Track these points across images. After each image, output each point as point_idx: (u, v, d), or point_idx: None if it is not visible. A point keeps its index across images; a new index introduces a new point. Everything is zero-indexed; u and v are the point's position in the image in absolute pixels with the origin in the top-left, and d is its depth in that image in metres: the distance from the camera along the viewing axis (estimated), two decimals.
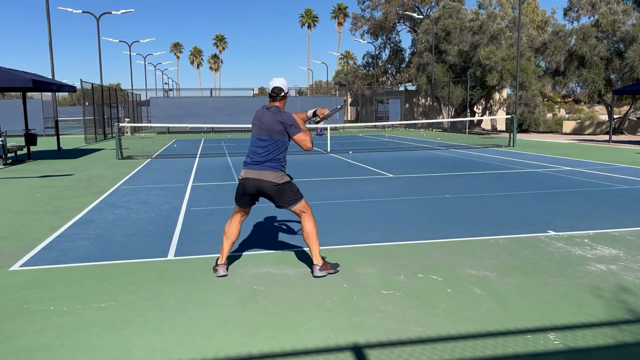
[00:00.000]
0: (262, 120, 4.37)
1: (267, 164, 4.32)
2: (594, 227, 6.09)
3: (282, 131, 4.32)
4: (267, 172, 4.31)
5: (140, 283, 4.34)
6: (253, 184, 4.33)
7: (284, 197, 4.37)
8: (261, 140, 4.35)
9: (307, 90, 55.71)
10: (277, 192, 4.33)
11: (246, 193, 4.40)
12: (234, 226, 4.58)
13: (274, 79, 4.47)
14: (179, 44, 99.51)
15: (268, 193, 4.34)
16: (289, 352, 3.09)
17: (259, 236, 5.87)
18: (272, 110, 4.38)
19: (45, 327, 3.49)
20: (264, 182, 4.29)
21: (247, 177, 4.35)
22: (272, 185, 4.30)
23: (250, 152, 4.42)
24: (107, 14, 32.79)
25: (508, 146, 18.73)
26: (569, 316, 3.57)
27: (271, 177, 4.30)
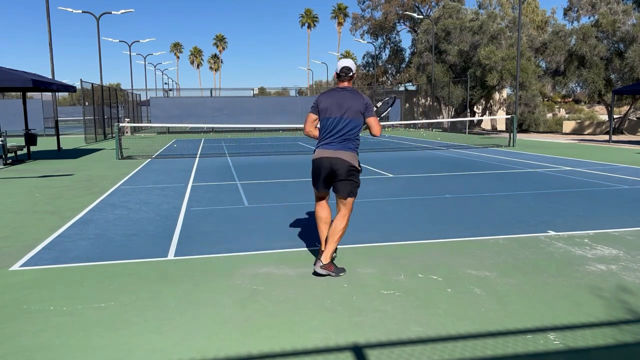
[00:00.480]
0: (341, 101, 4.41)
1: (346, 144, 4.40)
2: (594, 227, 6.09)
3: (361, 112, 4.41)
4: (344, 152, 4.39)
5: (140, 283, 4.34)
6: (328, 163, 4.39)
7: (348, 182, 4.41)
8: (343, 120, 4.39)
9: (307, 90, 55.69)
10: (346, 174, 4.39)
11: (321, 173, 4.44)
12: (324, 210, 4.62)
13: (342, 59, 4.56)
14: (179, 44, 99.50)
15: (337, 173, 4.39)
16: (289, 352, 3.09)
17: (259, 236, 5.87)
18: (350, 91, 4.47)
19: (45, 327, 3.49)
20: (339, 160, 4.36)
21: (323, 157, 4.41)
22: (346, 166, 4.37)
23: (327, 133, 4.44)
24: (107, 14, 32.80)
25: (508, 146, 18.73)
26: (569, 316, 3.57)
27: (347, 157, 4.38)
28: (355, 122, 4.42)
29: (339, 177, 4.41)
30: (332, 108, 4.43)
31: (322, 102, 4.49)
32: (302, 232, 6.02)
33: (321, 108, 4.49)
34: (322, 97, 4.52)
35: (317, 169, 4.48)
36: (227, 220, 6.74)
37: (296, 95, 41.23)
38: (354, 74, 4.54)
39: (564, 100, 57.85)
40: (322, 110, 4.49)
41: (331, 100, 4.45)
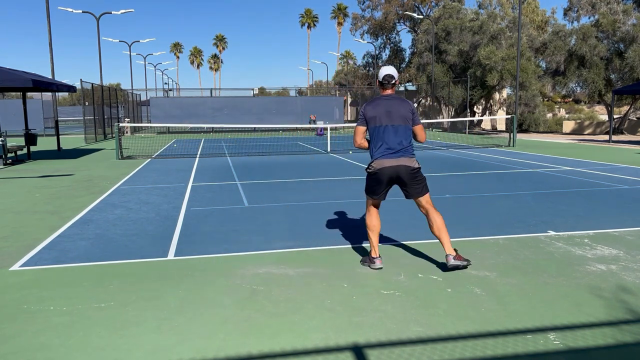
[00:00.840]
0: (391, 108, 4.48)
1: (404, 151, 4.48)
2: (594, 227, 6.09)
3: (410, 118, 4.50)
4: (405, 158, 4.47)
5: (140, 283, 4.34)
6: (390, 171, 4.46)
7: (416, 185, 4.51)
8: (396, 128, 4.47)
9: (307, 90, 55.69)
10: (412, 177, 4.47)
11: (382, 182, 4.51)
12: (375, 218, 4.71)
13: (383, 67, 4.64)
14: (179, 44, 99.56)
15: (404, 180, 4.47)
16: (289, 352, 3.09)
17: (259, 236, 5.87)
18: (397, 98, 4.54)
19: (45, 327, 3.49)
20: (402, 167, 4.44)
21: (384, 167, 4.46)
22: (409, 170, 4.45)
23: (383, 142, 4.48)
24: (107, 14, 32.80)
25: (508, 146, 18.73)
26: (569, 316, 3.57)
27: (409, 162, 4.46)
28: (408, 128, 4.52)
29: (407, 182, 4.50)
30: (381, 116, 4.48)
31: (369, 112, 4.54)
32: (302, 232, 6.03)
33: (369, 117, 4.54)
34: (368, 107, 4.57)
35: (377, 180, 4.52)
36: (227, 220, 6.74)
37: (296, 95, 41.23)
38: (396, 81, 4.60)
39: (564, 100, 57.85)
40: (370, 120, 4.54)
41: (379, 109, 4.51)
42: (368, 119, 4.55)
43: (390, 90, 4.59)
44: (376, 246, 4.70)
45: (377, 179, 4.53)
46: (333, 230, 6.13)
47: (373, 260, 4.66)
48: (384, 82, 4.58)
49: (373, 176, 4.56)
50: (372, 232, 4.70)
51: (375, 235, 4.70)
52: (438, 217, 4.56)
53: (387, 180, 4.51)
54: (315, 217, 6.86)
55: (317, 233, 5.98)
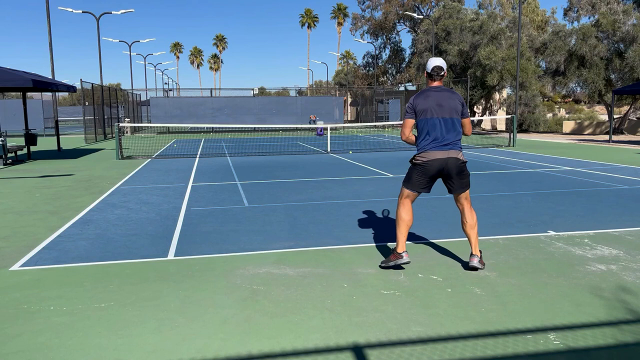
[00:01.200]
0: (441, 101, 4.44)
1: (454, 144, 4.45)
2: (594, 227, 6.09)
3: (459, 111, 4.48)
4: (454, 151, 4.44)
5: (140, 283, 4.34)
6: (438, 164, 4.40)
7: (462, 178, 4.48)
8: (447, 121, 4.43)
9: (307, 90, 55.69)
10: (459, 171, 4.45)
11: (429, 174, 4.46)
12: (409, 212, 4.61)
13: (432, 59, 4.55)
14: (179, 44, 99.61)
15: (451, 173, 4.43)
16: (289, 352, 3.09)
17: (259, 236, 5.87)
18: (447, 90, 4.51)
19: (45, 327, 3.49)
20: (452, 159, 4.40)
21: (433, 159, 4.40)
22: (459, 164, 4.43)
23: (433, 134, 4.42)
24: (107, 14, 32.81)
25: (508, 146, 18.73)
26: (569, 316, 3.57)
27: (459, 155, 4.45)
28: (457, 120, 4.48)
29: (454, 176, 4.45)
30: (432, 109, 4.42)
31: (419, 105, 4.46)
32: (302, 232, 6.02)
33: (419, 110, 4.46)
34: (418, 100, 4.49)
35: (427, 171, 4.45)
36: (227, 220, 6.74)
37: (296, 95, 41.23)
38: (445, 73, 4.54)
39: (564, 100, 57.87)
40: (420, 112, 4.46)
41: (429, 100, 4.44)
42: (418, 112, 4.47)
43: (438, 82, 4.53)
44: (404, 241, 4.56)
45: (425, 171, 4.45)
46: (333, 230, 6.13)
47: (400, 255, 4.51)
48: (432, 74, 4.51)
49: (420, 168, 4.47)
50: (406, 226, 4.56)
51: (406, 229, 4.58)
52: (473, 216, 4.59)
53: (435, 173, 4.45)
54: (316, 217, 6.86)
55: (317, 233, 5.98)
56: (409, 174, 4.59)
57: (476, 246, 4.56)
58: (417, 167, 4.50)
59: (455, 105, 4.46)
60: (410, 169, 4.58)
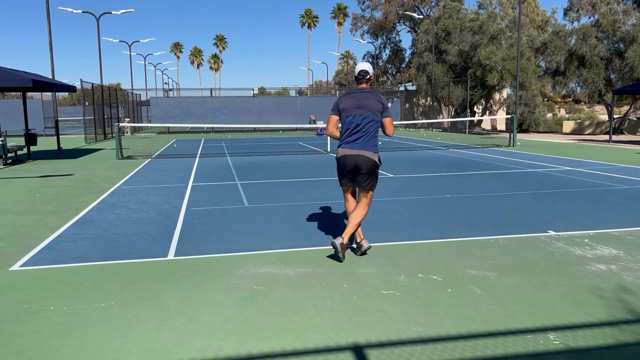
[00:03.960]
0: (361, 101, 4.72)
1: (369, 144, 4.72)
2: (594, 227, 6.09)
3: (379, 111, 4.73)
4: (368, 151, 4.70)
5: (140, 283, 4.34)
6: (352, 160, 4.71)
7: (371, 178, 4.76)
8: (362, 119, 4.70)
9: (307, 90, 55.69)
10: (370, 170, 4.72)
11: (345, 169, 4.77)
12: (351, 203, 4.96)
13: (359, 64, 4.91)
14: (179, 44, 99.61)
15: (362, 170, 4.70)
16: (289, 352, 3.09)
17: (259, 236, 5.87)
18: (368, 92, 4.78)
19: (45, 327, 3.49)
20: (363, 158, 4.68)
21: (347, 155, 4.72)
22: (369, 163, 4.69)
23: (349, 132, 4.74)
24: (107, 14, 32.81)
25: (508, 146, 18.73)
26: (569, 316, 3.57)
27: (370, 155, 4.69)
28: (374, 120, 4.73)
29: (362, 172, 4.72)
30: (351, 108, 4.73)
31: (342, 103, 4.82)
32: (302, 232, 6.02)
33: (341, 108, 4.80)
34: (342, 99, 4.85)
35: (342, 166, 4.80)
36: (227, 220, 6.74)
37: (296, 95, 41.22)
38: (371, 77, 4.85)
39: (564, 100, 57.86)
40: (342, 111, 4.80)
41: (350, 100, 4.77)
42: (340, 110, 4.81)
43: (365, 84, 4.86)
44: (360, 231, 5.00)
45: (341, 166, 4.81)
46: (333, 230, 6.12)
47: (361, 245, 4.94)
48: (358, 77, 4.86)
49: (338, 163, 4.85)
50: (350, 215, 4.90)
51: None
52: (361, 212, 4.82)
53: (349, 169, 4.76)
54: (316, 217, 6.86)
55: (317, 233, 5.98)
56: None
57: (347, 235, 4.73)
58: (336, 162, 4.88)
59: (374, 105, 4.73)
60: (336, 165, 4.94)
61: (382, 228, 6.20)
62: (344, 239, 4.72)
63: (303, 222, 6.58)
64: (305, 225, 6.40)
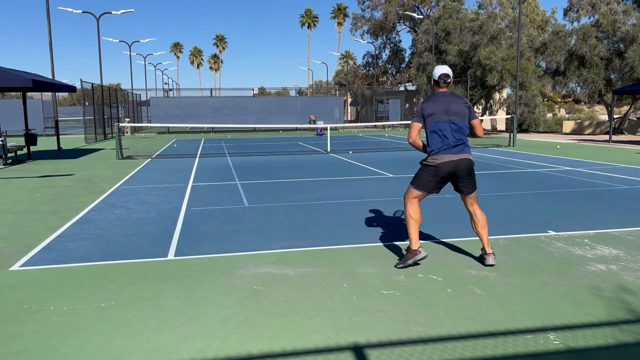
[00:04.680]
0: (449, 105, 4.60)
1: (464, 146, 4.61)
2: (594, 227, 6.08)
3: (467, 114, 4.63)
4: (465, 154, 4.60)
5: (140, 283, 4.34)
6: (450, 166, 4.57)
7: (471, 179, 4.66)
8: (454, 124, 4.58)
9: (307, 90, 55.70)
10: (469, 172, 4.62)
11: (439, 176, 4.62)
12: (419, 211, 4.79)
13: (439, 66, 4.75)
14: (179, 44, 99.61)
15: (462, 174, 4.59)
16: (289, 352, 3.09)
17: (259, 236, 5.87)
18: (454, 95, 4.69)
19: (45, 327, 3.49)
20: (464, 161, 4.57)
21: (445, 162, 4.56)
22: (470, 166, 4.61)
23: (442, 137, 4.58)
24: (107, 14, 32.81)
25: (508, 146, 18.73)
26: (569, 316, 3.57)
27: (470, 157, 4.63)
28: (465, 123, 4.63)
29: (463, 177, 4.62)
30: (439, 113, 4.59)
31: (427, 109, 4.64)
32: (302, 232, 6.02)
33: (427, 114, 4.63)
34: (426, 104, 4.67)
35: (438, 173, 4.61)
36: (227, 220, 6.74)
37: (296, 95, 41.22)
38: (451, 80, 4.74)
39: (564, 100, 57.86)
40: (428, 116, 4.63)
41: (437, 105, 4.62)
42: (426, 115, 4.64)
43: (445, 88, 4.72)
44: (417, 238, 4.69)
45: (436, 173, 4.61)
46: (333, 230, 6.13)
47: (418, 251, 4.63)
48: (439, 81, 4.70)
49: (431, 170, 4.62)
50: (416, 224, 4.71)
51: (417, 227, 4.73)
52: (483, 216, 4.74)
53: (446, 175, 4.61)
54: (316, 217, 6.86)
55: (317, 233, 5.98)
56: (419, 176, 4.73)
57: (488, 245, 4.72)
58: (428, 168, 4.65)
59: (462, 108, 4.62)
60: (420, 170, 4.73)
61: (382, 228, 6.20)
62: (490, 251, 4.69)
63: (303, 222, 6.57)
64: (305, 225, 6.40)
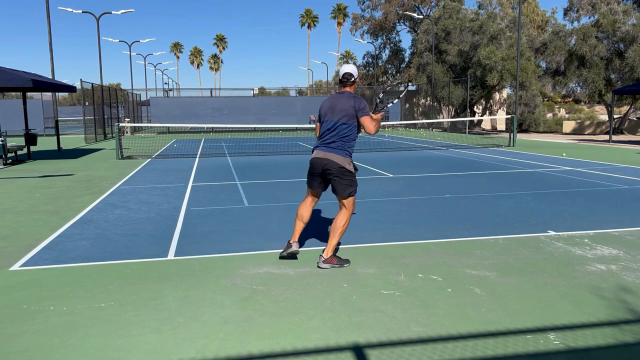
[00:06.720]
0: (335, 104, 4.62)
1: (336, 147, 4.58)
2: (594, 227, 6.08)
3: (352, 115, 4.57)
4: (335, 154, 4.56)
5: (140, 283, 4.34)
6: (319, 163, 4.60)
7: (342, 183, 4.58)
8: (332, 123, 4.60)
9: (307, 90, 55.69)
10: (339, 175, 4.56)
11: (314, 173, 4.67)
12: (305, 208, 4.82)
13: (344, 66, 4.76)
14: (179, 44, 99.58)
15: (331, 174, 4.57)
16: (289, 352, 3.09)
17: (259, 236, 5.87)
18: (345, 95, 4.66)
19: (45, 327, 3.48)
20: (330, 162, 4.55)
21: (316, 157, 4.63)
22: (337, 167, 4.54)
23: (322, 135, 4.68)
24: (107, 14, 32.81)
25: (508, 146, 18.73)
26: (569, 316, 3.57)
27: (338, 159, 4.54)
28: (347, 124, 4.57)
29: (332, 177, 4.60)
30: (327, 112, 4.68)
31: (322, 108, 4.77)
32: (302, 232, 6.00)
33: (321, 113, 4.77)
34: (323, 103, 4.79)
35: (311, 168, 4.73)
36: (227, 220, 6.74)
37: (296, 95, 41.22)
38: (356, 79, 4.72)
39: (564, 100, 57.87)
40: (321, 115, 4.76)
41: (327, 104, 4.71)
42: (320, 114, 4.79)
43: (348, 88, 4.72)
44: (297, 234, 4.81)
45: (311, 169, 4.72)
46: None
47: (289, 244, 4.80)
48: (342, 80, 4.74)
49: (309, 165, 4.76)
50: (298, 220, 4.81)
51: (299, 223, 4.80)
52: (341, 221, 4.65)
53: (317, 173, 4.66)
54: (315, 217, 6.86)
55: (317, 233, 5.98)
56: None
57: (329, 249, 4.63)
58: (309, 163, 4.77)
59: (347, 108, 4.56)
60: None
61: (382, 228, 6.20)
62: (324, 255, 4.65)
63: None
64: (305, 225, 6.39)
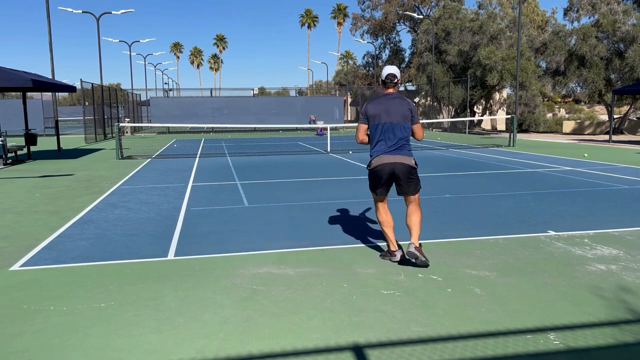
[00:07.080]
0: (389, 106, 4.61)
1: (403, 149, 4.60)
2: (594, 227, 6.08)
3: (409, 117, 4.62)
4: (403, 156, 4.59)
5: (140, 283, 4.34)
6: (388, 168, 4.58)
7: (412, 182, 4.62)
8: (394, 126, 4.59)
9: (307, 90, 55.69)
10: (408, 175, 4.59)
11: (382, 178, 4.64)
12: (385, 212, 4.81)
13: (387, 67, 4.77)
14: (179, 44, 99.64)
15: (402, 176, 4.58)
16: (289, 352, 3.09)
17: (259, 236, 5.87)
18: (397, 97, 4.66)
19: (45, 327, 3.48)
20: (400, 164, 4.56)
21: (385, 163, 4.59)
22: (408, 168, 4.57)
23: (381, 140, 4.63)
24: (107, 14, 32.82)
25: (508, 146, 18.73)
26: (569, 316, 3.57)
27: (407, 160, 4.58)
28: (406, 126, 4.63)
29: (402, 179, 4.61)
30: (381, 114, 4.62)
31: (370, 110, 4.69)
32: (302, 232, 6.02)
33: (370, 115, 4.67)
34: (369, 105, 4.71)
35: (379, 175, 4.66)
36: (227, 220, 6.74)
37: (296, 95, 41.23)
38: (398, 80, 4.75)
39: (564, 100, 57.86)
40: (371, 117, 4.67)
41: (380, 107, 4.64)
42: (369, 117, 4.69)
43: (392, 89, 4.73)
44: (393, 240, 4.79)
45: (377, 175, 4.66)
46: (333, 230, 6.13)
47: (393, 254, 4.77)
48: (386, 81, 4.73)
49: (373, 173, 4.70)
50: (386, 227, 4.80)
51: (389, 229, 4.79)
52: (417, 216, 4.71)
53: (387, 178, 4.64)
54: (315, 217, 6.86)
55: (317, 233, 5.98)
56: (369, 180, 4.82)
57: (417, 239, 4.65)
58: (371, 172, 4.73)
59: (404, 111, 4.61)
60: (368, 175, 4.80)
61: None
62: (416, 243, 4.59)
63: (303, 222, 6.57)
64: (305, 225, 6.40)
